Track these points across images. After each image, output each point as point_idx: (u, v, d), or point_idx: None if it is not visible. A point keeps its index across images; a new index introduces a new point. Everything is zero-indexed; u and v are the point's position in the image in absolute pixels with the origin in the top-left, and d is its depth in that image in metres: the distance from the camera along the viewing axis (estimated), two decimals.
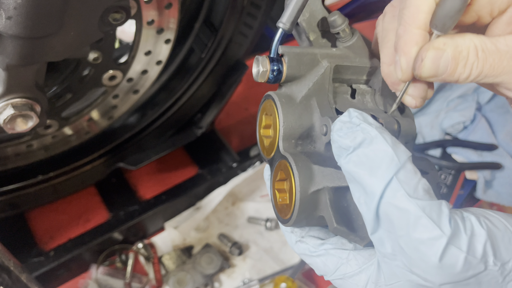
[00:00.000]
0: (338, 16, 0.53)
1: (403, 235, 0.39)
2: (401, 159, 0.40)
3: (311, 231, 0.53)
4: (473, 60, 0.44)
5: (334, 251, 0.49)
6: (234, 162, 1.41)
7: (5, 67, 0.72)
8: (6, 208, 1.18)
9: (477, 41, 0.44)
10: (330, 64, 0.53)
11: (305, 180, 0.48)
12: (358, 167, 0.42)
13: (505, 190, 1.42)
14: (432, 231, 0.38)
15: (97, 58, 0.92)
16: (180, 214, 1.36)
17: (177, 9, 0.92)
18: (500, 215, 0.42)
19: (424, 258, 0.38)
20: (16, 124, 0.81)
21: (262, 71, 0.52)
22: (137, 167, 1.30)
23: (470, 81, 0.45)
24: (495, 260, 0.39)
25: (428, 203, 0.39)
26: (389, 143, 0.41)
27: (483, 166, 1.42)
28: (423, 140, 1.49)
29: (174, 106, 1.28)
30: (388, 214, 0.40)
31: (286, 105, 0.53)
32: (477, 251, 0.38)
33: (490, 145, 1.45)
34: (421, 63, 0.44)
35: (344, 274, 0.48)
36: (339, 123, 0.45)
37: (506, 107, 1.53)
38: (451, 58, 0.43)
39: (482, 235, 0.39)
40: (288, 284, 1.19)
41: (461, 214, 0.41)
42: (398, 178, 0.40)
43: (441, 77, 0.45)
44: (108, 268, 1.25)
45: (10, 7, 0.63)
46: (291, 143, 0.53)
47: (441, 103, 1.53)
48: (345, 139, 0.44)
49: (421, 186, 0.40)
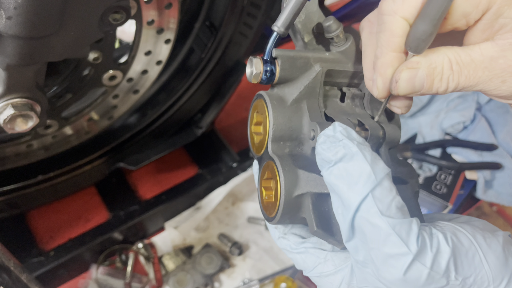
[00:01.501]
0: (333, 22, 0.54)
1: (374, 248, 0.42)
2: (378, 177, 0.43)
3: (293, 229, 0.56)
4: (448, 74, 0.45)
5: (313, 250, 0.53)
6: (234, 162, 1.41)
7: (5, 67, 0.72)
8: (6, 208, 1.18)
9: (451, 54, 0.45)
10: (322, 68, 0.54)
11: (290, 184, 0.51)
12: (338, 180, 0.44)
13: (505, 190, 1.42)
14: (400, 248, 0.41)
15: (97, 58, 0.92)
16: (180, 214, 1.36)
17: (177, 9, 0.92)
18: (468, 231, 0.45)
19: (390, 271, 0.42)
20: (16, 124, 0.81)
21: (255, 72, 0.53)
22: (137, 167, 1.30)
23: (450, 91, 0.47)
24: (457, 275, 0.43)
25: (399, 222, 0.42)
26: (368, 160, 0.44)
27: (483, 166, 1.42)
28: (423, 140, 1.49)
29: (174, 106, 1.28)
30: (361, 227, 0.43)
31: (276, 107, 0.54)
32: (440, 267, 0.42)
33: (490, 145, 1.45)
34: (396, 84, 0.47)
35: (321, 273, 0.52)
36: (323, 136, 0.47)
37: (506, 107, 1.53)
38: (426, 76, 0.46)
39: (446, 252, 0.42)
40: (288, 284, 1.19)
41: (430, 231, 0.44)
42: (373, 195, 0.42)
43: (420, 92, 0.47)
44: (108, 268, 1.25)
45: (10, 7, 0.63)
46: (280, 145, 0.54)
47: (441, 103, 1.54)
48: (327, 153, 0.46)
49: (395, 204, 0.43)
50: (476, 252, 0.44)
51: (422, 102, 1.53)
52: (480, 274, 0.44)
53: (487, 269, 0.44)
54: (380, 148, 0.54)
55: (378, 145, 0.54)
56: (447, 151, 1.47)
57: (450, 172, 1.41)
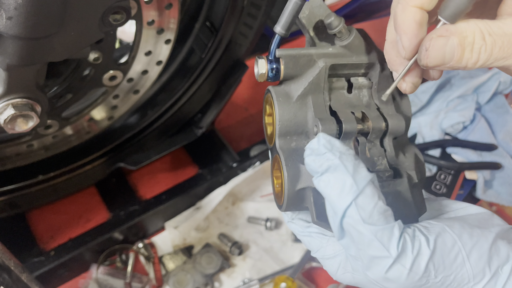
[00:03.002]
0: (334, 18, 0.55)
1: (361, 249, 0.47)
2: (360, 186, 0.46)
3: (300, 214, 0.61)
4: (481, 44, 0.43)
5: (316, 235, 0.58)
6: (234, 162, 1.41)
7: (5, 67, 0.72)
8: (6, 208, 1.18)
9: (482, 25, 0.43)
10: (325, 64, 0.55)
11: (293, 179, 0.54)
12: (325, 189, 0.48)
13: (505, 190, 1.42)
14: (382, 252, 0.45)
15: (98, 58, 0.93)
16: (180, 214, 1.36)
17: (177, 10, 0.92)
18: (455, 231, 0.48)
19: (374, 269, 0.47)
20: (17, 124, 0.81)
21: (261, 72, 0.56)
22: (137, 167, 1.30)
23: (478, 66, 0.45)
24: (436, 274, 0.46)
25: (381, 228, 0.45)
26: (350, 171, 0.46)
27: (483, 166, 1.42)
28: (423, 140, 1.50)
29: (174, 106, 1.28)
30: (349, 231, 0.47)
31: (282, 104, 0.56)
32: (420, 268, 0.46)
33: (490, 145, 1.45)
34: (426, 52, 0.45)
35: (323, 255, 0.57)
36: (308, 149, 0.50)
37: (506, 107, 1.53)
38: (457, 45, 0.44)
39: (426, 254, 0.46)
40: (288, 284, 1.20)
41: (413, 233, 0.47)
42: (356, 203, 0.45)
43: (449, 65, 0.45)
44: (108, 268, 1.26)
45: (11, 7, 0.63)
46: (286, 139, 0.57)
47: (440, 103, 1.54)
48: (313, 164, 0.49)
49: (377, 210, 0.45)
50: (459, 252, 0.47)
51: (422, 102, 1.53)
52: (461, 272, 0.47)
53: (468, 267, 0.47)
54: (384, 139, 0.56)
55: (382, 136, 0.56)
56: (447, 151, 1.47)
57: (450, 172, 1.41)
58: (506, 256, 0.48)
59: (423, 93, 1.53)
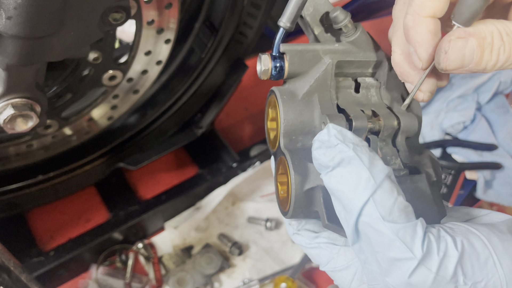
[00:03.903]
0: (340, 12, 0.53)
1: (379, 252, 0.42)
2: (377, 180, 0.41)
3: (306, 225, 0.56)
4: (499, 45, 0.42)
5: (326, 245, 0.53)
6: (234, 162, 1.41)
7: (5, 67, 0.72)
8: (6, 208, 1.18)
9: (500, 25, 0.42)
10: (332, 60, 0.53)
11: (300, 178, 0.50)
12: (337, 186, 0.43)
13: (505, 190, 1.42)
14: (405, 253, 0.40)
15: (97, 58, 0.92)
16: (180, 214, 1.36)
17: (177, 9, 0.92)
18: (483, 234, 0.43)
19: (395, 274, 0.41)
20: (16, 124, 0.81)
21: (264, 69, 0.53)
22: (137, 167, 1.30)
23: (497, 68, 0.44)
24: (466, 280, 0.41)
25: (403, 226, 0.41)
26: (366, 164, 0.42)
27: (483, 166, 1.42)
28: (423, 140, 1.49)
29: (174, 106, 1.28)
30: (365, 232, 0.42)
31: (287, 102, 0.53)
32: (447, 272, 0.40)
33: (490, 145, 1.45)
34: (445, 55, 0.43)
35: (334, 268, 0.52)
36: (317, 142, 0.46)
37: (506, 107, 1.53)
38: (477, 46, 0.42)
39: (454, 256, 0.41)
40: (288, 284, 1.19)
41: (438, 233, 0.42)
42: (374, 199, 0.41)
43: (468, 68, 0.44)
44: (108, 268, 1.25)
45: (10, 7, 0.63)
46: (292, 140, 0.54)
47: (441, 103, 1.53)
48: (324, 158, 0.44)
49: (397, 206, 0.41)
50: (490, 256, 0.42)
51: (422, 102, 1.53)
52: (492, 278, 0.42)
53: (501, 273, 0.42)
54: (396, 138, 0.54)
55: (394, 135, 0.54)
56: (447, 151, 1.47)
57: (450, 172, 1.41)
58: None
59: None
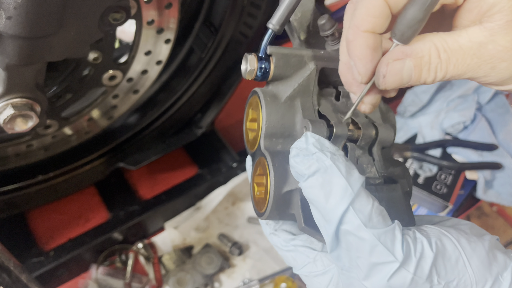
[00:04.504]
0: (327, 21, 0.53)
1: (360, 257, 0.42)
2: (354, 188, 0.42)
3: (284, 225, 0.56)
4: (436, 63, 0.43)
5: (302, 248, 0.53)
6: (234, 162, 1.41)
7: (5, 67, 0.72)
8: (6, 208, 1.18)
9: (438, 42, 0.43)
10: (316, 66, 0.54)
11: (280, 180, 0.51)
12: (315, 194, 0.44)
13: (505, 190, 1.41)
14: (387, 257, 0.42)
15: (97, 58, 0.92)
16: (180, 214, 1.36)
17: (177, 9, 0.92)
18: (453, 235, 0.45)
19: (376, 277, 0.42)
20: (16, 124, 0.81)
21: (249, 69, 0.53)
22: (137, 167, 1.30)
23: (437, 81, 0.45)
24: (439, 279, 0.43)
25: (383, 231, 0.42)
26: (343, 173, 0.43)
27: (483, 166, 1.42)
28: (423, 140, 1.49)
29: (174, 106, 1.28)
30: (346, 239, 0.43)
31: (270, 104, 0.54)
32: (423, 272, 0.42)
33: (490, 145, 1.45)
34: (384, 79, 0.44)
35: (309, 272, 0.52)
36: (295, 149, 0.46)
37: (506, 107, 1.53)
38: (414, 67, 0.43)
39: (429, 257, 0.43)
40: (288, 284, 1.19)
41: (414, 235, 0.44)
42: (353, 207, 0.42)
43: (407, 84, 0.45)
44: (108, 268, 1.25)
45: (10, 7, 0.63)
46: (272, 141, 0.54)
47: (441, 103, 1.53)
48: (301, 166, 0.45)
49: (375, 212, 0.43)
50: (460, 256, 0.44)
51: (422, 102, 1.53)
52: (463, 278, 0.44)
53: (471, 272, 0.44)
54: (373, 147, 0.54)
55: (370, 144, 0.54)
56: (447, 151, 1.47)
57: (450, 172, 1.41)
58: (503, 263, 0.46)
59: (423, 93, 1.53)
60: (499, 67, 0.43)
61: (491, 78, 0.44)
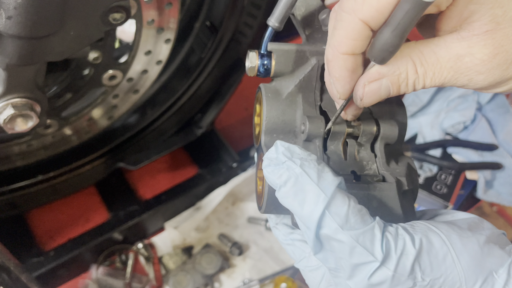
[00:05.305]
0: (327, 15, 0.53)
1: (343, 258, 0.43)
2: (328, 192, 0.42)
3: (284, 219, 0.57)
4: (414, 78, 0.43)
5: (299, 243, 0.54)
6: (234, 162, 1.41)
7: (5, 67, 0.72)
8: (6, 208, 1.18)
9: (415, 56, 0.43)
10: (318, 61, 0.54)
11: None
12: (290, 203, 0.44)
13: (506, 190, 1.41)
14: (366, 258, 0.42)
15: (97, 58, 0.92)
16: (180, 214, 1.36)
17: (177, 9, 0.92)
18: (443, 231, 0.44)
19: (358, 277, 0.42)
20: (16, 124, 0.81)
21: (251, 66, 0.54)
22: (137, 167, 1.30)
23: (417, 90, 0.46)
24: (424, 276, 0.42)
25: (361, 232, 0.42)
26: (314, 179, 0.43)
27: (484, 166, 1.42)
28: (424, 140, 1.49)
29: (174, 106, 1.28)
30: (328, 242, 0.43)
31: (271, 100, 0.54)
32: (405, 269, 0.42)
33: (491, 145, 1.45)
34: (361, 101, 0.45)
35: (305, 267, 0.52)
36: (266, 160, 0.46)
37: (507, 107, 1.53)
38: (391, 84, 0.44)
39: (411, 254, 0.42)
40: (288, 284, 1.19)
41: (396, 231, 0.43)
42: (329, 211, 0.42)
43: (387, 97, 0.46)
44: (108, 268, 1.25)
45: (10, 7, 0.63)
46: (273, 137, 0.54)
47: (441, 103, 1.53)
48: (272, 176, 0.45)
49: (351, 212, 0.42)
50: (448, 253, 0.43)
51: (422, 102, 1.53)
52: (451, 274, 0.43)
53: (460, 269, 0.43)
54: (375, 144, 0.54)
55: (373, 140, 0.54)
56: (448, 151, 1.47)
57: (451, 172, 1.41)
58: (499, 260, 0.45)
59: (423, 93, 1.53)
60: (476, 79, 0.43)
61: (469, 87, 0.44)
